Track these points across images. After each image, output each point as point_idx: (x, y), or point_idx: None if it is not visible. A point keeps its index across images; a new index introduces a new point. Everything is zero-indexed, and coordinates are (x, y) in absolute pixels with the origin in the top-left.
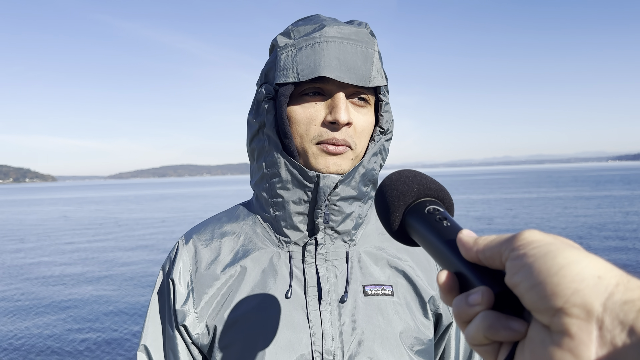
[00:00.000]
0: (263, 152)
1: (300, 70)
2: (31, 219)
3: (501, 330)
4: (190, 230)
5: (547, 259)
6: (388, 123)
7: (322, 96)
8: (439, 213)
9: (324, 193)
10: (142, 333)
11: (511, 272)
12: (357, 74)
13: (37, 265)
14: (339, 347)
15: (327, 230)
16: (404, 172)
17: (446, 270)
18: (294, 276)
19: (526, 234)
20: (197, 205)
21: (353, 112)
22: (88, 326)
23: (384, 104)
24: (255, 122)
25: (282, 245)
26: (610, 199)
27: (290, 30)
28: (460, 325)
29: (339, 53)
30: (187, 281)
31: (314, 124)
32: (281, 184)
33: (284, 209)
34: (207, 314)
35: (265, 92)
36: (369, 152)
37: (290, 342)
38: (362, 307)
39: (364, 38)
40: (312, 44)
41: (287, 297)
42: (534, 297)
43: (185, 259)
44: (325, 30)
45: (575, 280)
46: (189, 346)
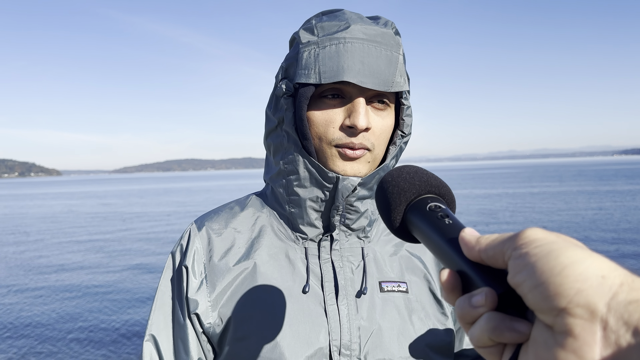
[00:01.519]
0: (281, 148)
1: (323, 72)
2: (36, 212)
3: (506, 332)
4: (202, 216)
5: (550, 258)
6: (409, 127)
7: (342, 99)
8: (441, 210)
9: (342, 195)
10: (149, 322)
11: (514, 272)
12: (380, 79)
13: (41, 258)
14: (357, 342)
15: (342, 227)
16: (405, 168)
17: (448, 269)
18: (311, 271)
19: (528, 232)
20: (200, 199)
21: (373, 115)
22: (93, 316)
23: (406, 108)
24: (274, 117)
25: (297, 241)
26: (613, 193)
27: (314, 27)
28: (463, 327)
29: (363, 56)
30: (201, 269)
31: (332, 126)
32: (298, 182)
33: (300, 207)
34: (220, 303)
35: (285, 88)
36: (389, 156)
37: (309, 336)
38: (379, 303)
39: (390, 41)
40: (337, 44)
41: (305, 292)
42: (536, 297)
43: (198, 247)
44: (350, 29)
45: (578, 280)
46: (199, 336)
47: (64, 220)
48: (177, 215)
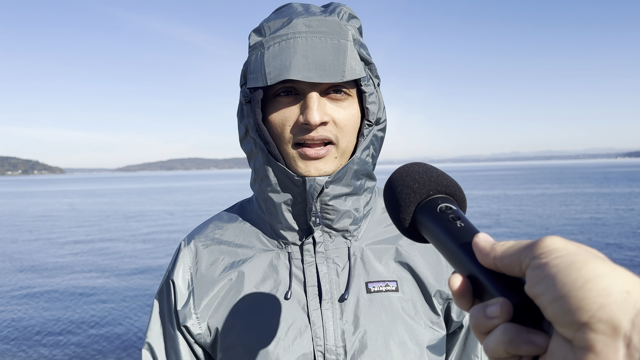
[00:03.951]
0: (252, 155)
1: (268, 73)
2: (39, 210)
3: (523, 345)
4: (192, 231)
5: (572, 271)
6: (375, 114)
7: (296, 95)
8: (452, 212)
9: (311, 195)
10: (147, 330)
11: (532, 282)
12: (329, 71)
13: (44, 256)
14: (341, 346)
15: (324, 228)
16: (415, 166)
17: (459, 275)
18: (293, 276)
19: (548, 241)
20: (204, 198)
21: (331, 107)
22: (95, 316)
23: (368, 95)
24: (241, 125)
25: (281, 246)
26: (612, 196)
27: (262, 27)
28: (477, 336)
29: (306, 50)
30: (188, 281)
31: (288, 125)
32: (270, 187)
33: (276, 211)
34: (207, 315)
35: (243, 95)
36: (360, 148)
37: (292, 343)
38: (365, 305)
39: (335, 28)
40: (279, 42)
41: (287, 298)
42: (557, 310)
43: (186, 260)
44: (292, 24)
45: (601, 294)
46: (191, 345)
47: (64, 219)
48: (178, 215)
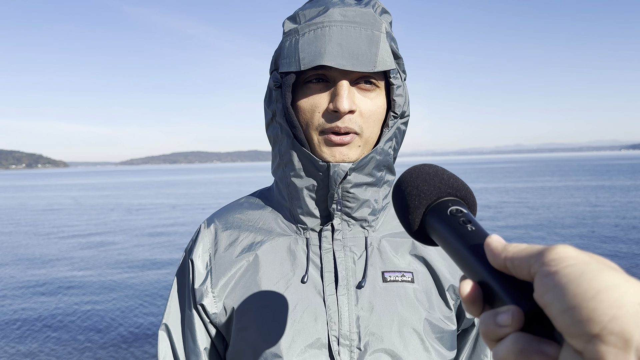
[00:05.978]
0: (277, 139)
1: (302, 59)
2: (43, 204)
3: (534, 355)
4: (213, 214)
5: (583, 281)
6: (401, 107)
7: (327, 83)
8: (462, 215)
9: (334, 181)
10: (165, 312)
11: (541, 290)
12: (361, 60)
13: (48, 249)
14: (356, 332)
15: (343, 216)
16: (424, 168)
17: (470, 280)
18: (311, 261)
19: (559, 248)
20: (208, 191)
21: (359, 97)
22: (106, 307)
23: (396, 88)
24: (269, 110)
25: (299, 232)
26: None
27: (297, 15)
28: (487, 343)
29: (341, 39)
30: (207, 261)
31: (317, 111)
32: (294, 172)
33: (298, 196)
34: (224, 294)
35: (273, 80)
36: (383, 139)
37: (307, 326)
38: (381, 294)
39: (369, 20)
40: (315, 30)
41: (304, 282)
42: (567, 321)
43: (205, 241)
44: (328, 13)
45: (613, 306)
46: (206, 325)
47: (69, 211)
48: (181, 208)
